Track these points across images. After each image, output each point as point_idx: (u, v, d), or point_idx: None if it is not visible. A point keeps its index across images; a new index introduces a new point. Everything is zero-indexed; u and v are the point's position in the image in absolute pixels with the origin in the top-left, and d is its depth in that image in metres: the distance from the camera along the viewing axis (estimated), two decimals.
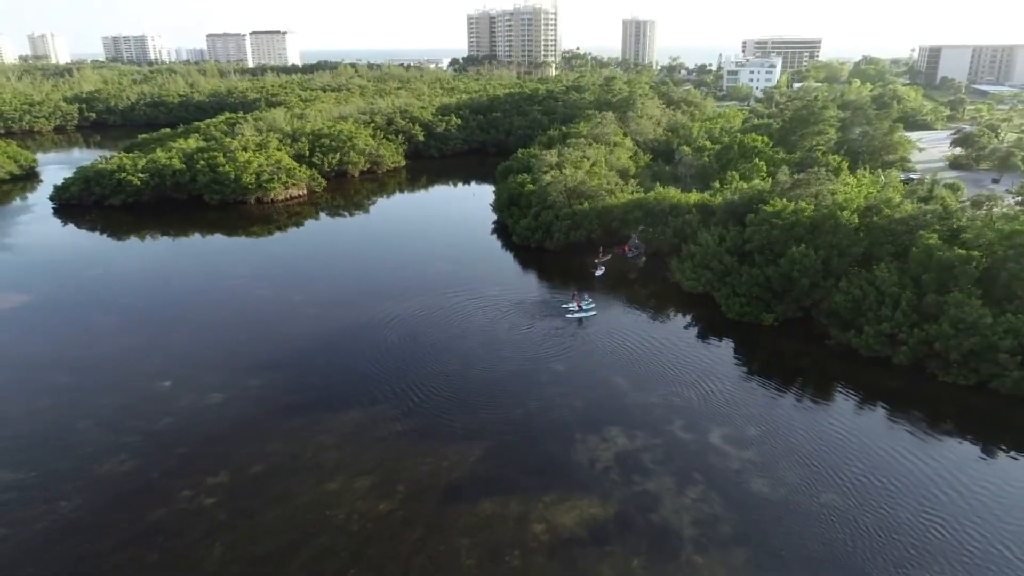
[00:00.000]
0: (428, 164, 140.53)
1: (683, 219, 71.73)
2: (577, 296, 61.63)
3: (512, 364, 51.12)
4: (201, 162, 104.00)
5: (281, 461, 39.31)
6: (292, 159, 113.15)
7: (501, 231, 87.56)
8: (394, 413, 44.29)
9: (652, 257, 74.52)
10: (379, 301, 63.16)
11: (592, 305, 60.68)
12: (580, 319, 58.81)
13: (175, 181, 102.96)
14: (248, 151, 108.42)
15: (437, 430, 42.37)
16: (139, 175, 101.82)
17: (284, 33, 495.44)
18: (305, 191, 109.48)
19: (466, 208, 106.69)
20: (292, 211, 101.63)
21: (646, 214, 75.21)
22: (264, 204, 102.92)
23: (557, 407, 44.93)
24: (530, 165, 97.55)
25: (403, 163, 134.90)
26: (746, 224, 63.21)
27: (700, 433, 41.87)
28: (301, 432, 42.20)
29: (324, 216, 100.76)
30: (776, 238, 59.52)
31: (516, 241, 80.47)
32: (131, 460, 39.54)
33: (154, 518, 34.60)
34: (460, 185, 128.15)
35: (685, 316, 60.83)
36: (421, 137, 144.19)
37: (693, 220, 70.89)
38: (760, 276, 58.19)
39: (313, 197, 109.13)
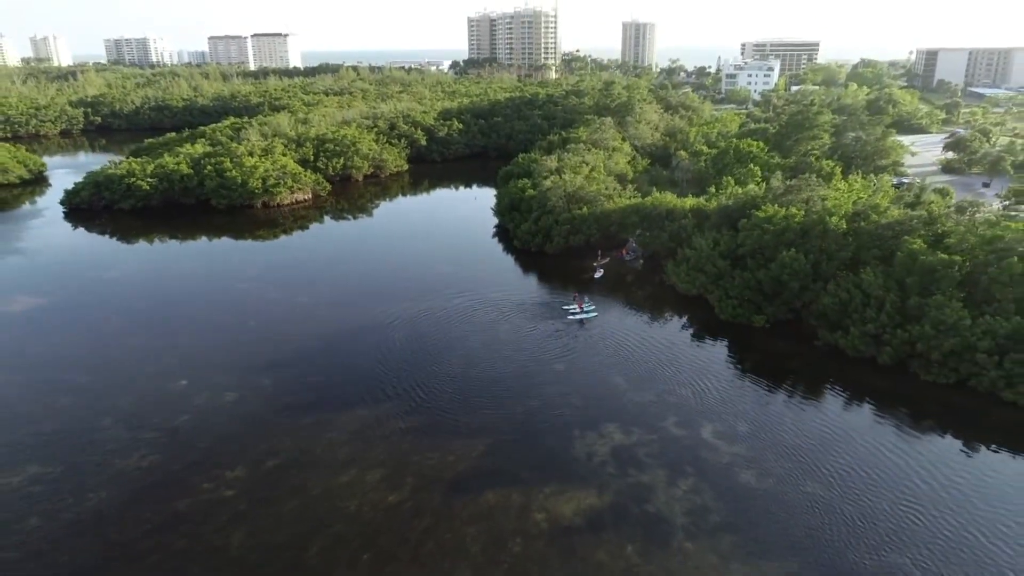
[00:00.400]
0: (430, 168, 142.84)
1: (679, 224, 73.88)
2: (578, 298, 63.76)
3: (513, 364, 53.27)
4: (208, 167, 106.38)
5: (294, 456, 41.52)
6: (297, 164, 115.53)
7: (502, 235, 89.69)
8: (400, 411, 46.48)
9: (649, 260, 76.64)
10: (383, 303, 65.30)
11: (593, 307, 62.84)
12: (581, 320, 60.96)
13: (183, 186, 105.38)
14: (254, 156, 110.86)
15: (442, 427, 44.56)
16: (148, 180, 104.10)
17: (286, 35, 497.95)
18: (310, 195, 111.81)
19: (468, 212, 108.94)
20: (298, 215, 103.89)
21: (643, 219, 77.40)
22: (270, 208, 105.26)
23: (557, 405, 47.10)
24: (530, 170, 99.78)
25: (406, 167, 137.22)
26: (739, 229, 65.38)
27: (693, 429, 44.05)
28: (311, 429, 44.42)
29: (329, 220, 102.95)
30: (767, 243, 61.66)
31: (517, 245, 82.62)
32: (152, 455, 41.75)
33: (178, 509, 36.80)
34: (462, 189, 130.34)
35: (680, 318, 62.99)
36: (423, 141, 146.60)
37: (688, 225, 73.03)
38: (752, 279, 60.35)
39: (318, 201, 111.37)
